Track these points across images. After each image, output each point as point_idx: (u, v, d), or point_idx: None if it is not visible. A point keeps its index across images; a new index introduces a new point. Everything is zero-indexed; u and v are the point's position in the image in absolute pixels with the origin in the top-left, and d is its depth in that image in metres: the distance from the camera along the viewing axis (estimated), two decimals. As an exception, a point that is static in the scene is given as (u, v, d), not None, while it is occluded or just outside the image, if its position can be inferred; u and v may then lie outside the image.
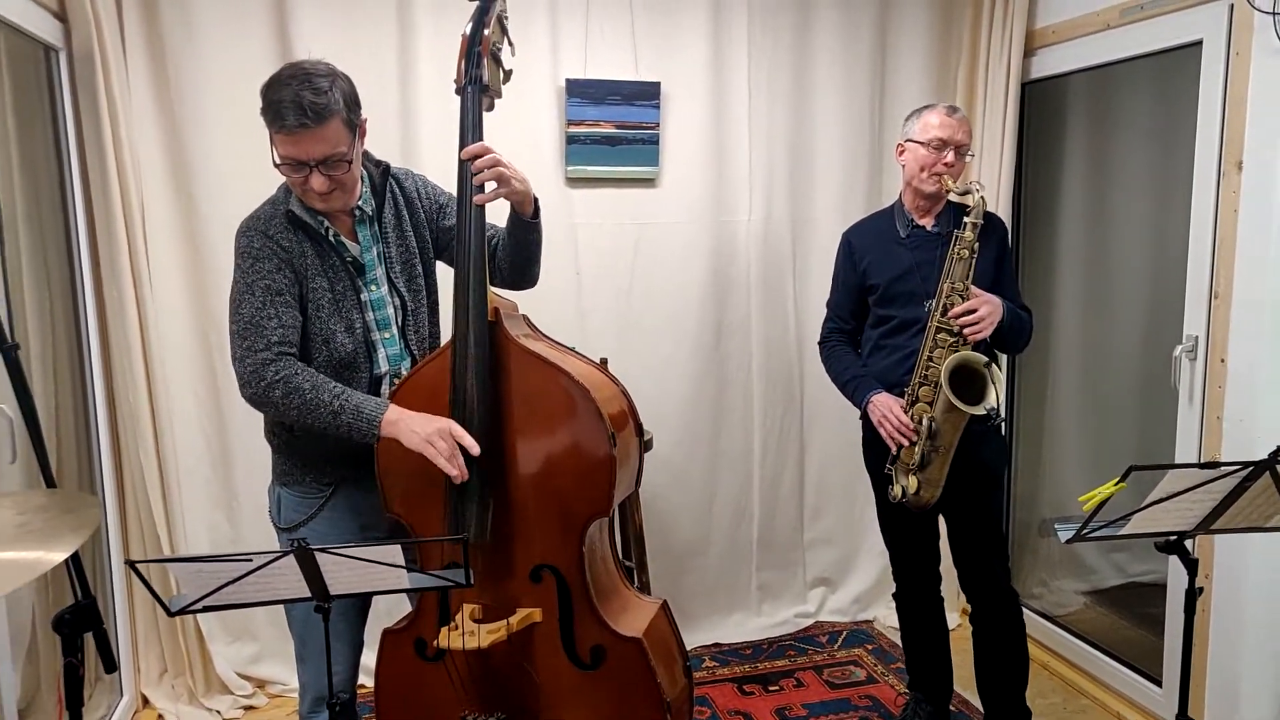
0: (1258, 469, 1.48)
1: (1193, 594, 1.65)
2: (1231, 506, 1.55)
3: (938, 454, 2.14)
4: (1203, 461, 2.26)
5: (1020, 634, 2.32)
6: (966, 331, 2.09)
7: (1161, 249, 2.80)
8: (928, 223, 2.28)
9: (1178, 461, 2.51)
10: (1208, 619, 2.41)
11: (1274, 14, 2.17)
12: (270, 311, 1.71)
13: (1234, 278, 2.33)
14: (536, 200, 1.85)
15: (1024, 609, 2.38)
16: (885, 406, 2.20)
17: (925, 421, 2.13)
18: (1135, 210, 2.95)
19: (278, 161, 1.67)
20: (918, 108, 2.33)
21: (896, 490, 2.22)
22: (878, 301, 2.30)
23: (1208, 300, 2.41)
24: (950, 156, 2.20)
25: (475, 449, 1.65)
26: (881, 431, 2.21)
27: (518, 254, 1.90)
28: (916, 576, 2.42)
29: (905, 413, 2.18)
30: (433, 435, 1.64)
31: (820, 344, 2.48)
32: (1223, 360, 2.37)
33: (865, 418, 2.30)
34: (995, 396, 2.05)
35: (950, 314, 2.10)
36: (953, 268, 2.12)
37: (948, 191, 2.17)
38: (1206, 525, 1.59)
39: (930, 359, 2.14)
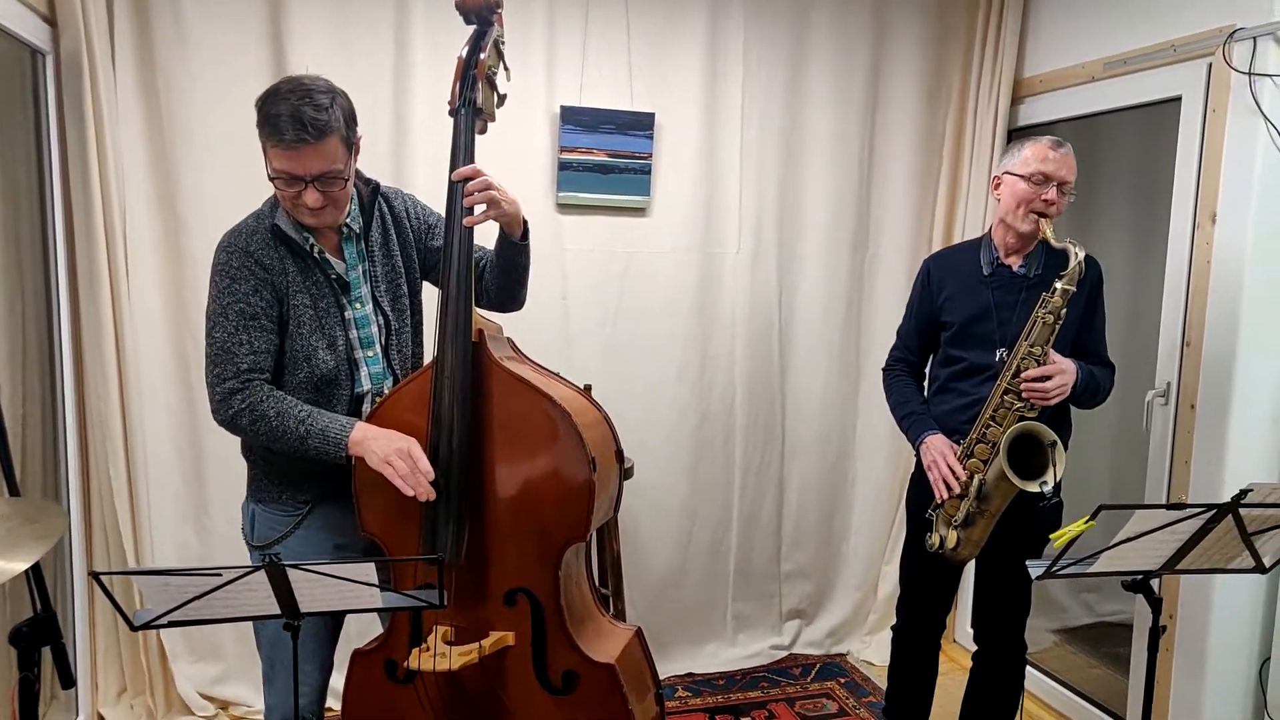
0: (1220, 512, 1.51)
1: (1156, 632, 1.67)
2: (1196, 548, 1.58)
3: (983, 516, 2.06)
4: (1170, 503, 2.29)
5: (1019, 683, 2.30)
6: (1030, 399, 2.00)
7: (1137, 297, 2.86)
8: (1014, 262, 2.15)
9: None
10: (1171, 658, 2.44)
11: (1249, 74, 2.25)
12: (242, 337, 1.70)
13: (1205, 327, 2.38)
14: (526, 223, 1.86)
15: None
16: (939, 451, 2.12)
17: (976, 481, 2.05)
18: (1113, 258, 3.01)
19: (271, 175, 1.67)
20: (1019, 139, 2.18)
21: (934, 539, 2.15)
22: (950, 340, 2.20)
23: (1180, 348, 2.46)
24: (1051, 193, 2.04)
25: (430, 473, 1.65)
26: (930, 475, 2.13)
27: (506, 276, 1.91)
28: (924, 619, 2.37)
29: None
30: (391, 455, 1.64)
31: (884, 371, 2.40)
32: (1192, 406, 2.41)
33: (918, 455, 2.22)
34: (1054, 476, 1.94)
35: (1021, 377, 2.00)
36: (1033, 329, 2.00)
37: (1044, 236, 2.03)
38: (1171, 565, 1.61)
39: (993, 418, 2.05)
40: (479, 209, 1.74)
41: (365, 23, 2.68)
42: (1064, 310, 1.99)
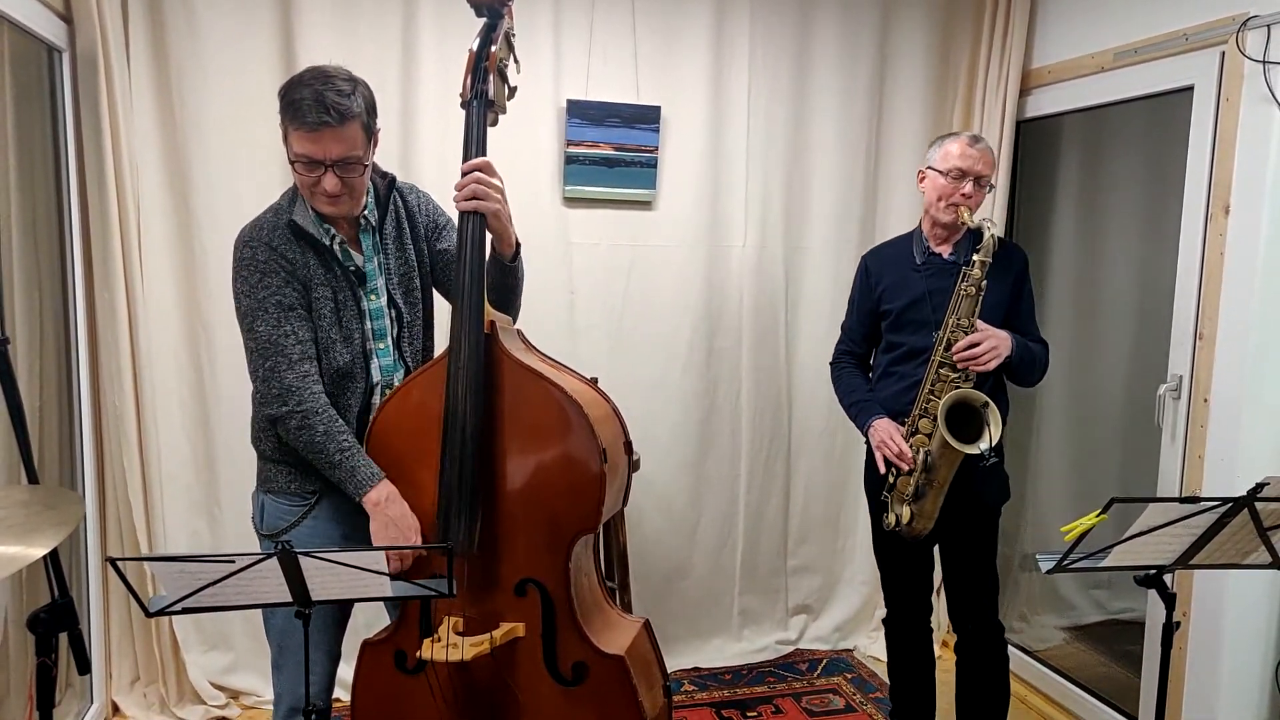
0: (1236, 505, 1.50)
1: (1170, 628, 1.66)
2: (1210, 542, 1.56)
3: (932, 487, 2.15)
4: (1183, 496, 2.28)
5: (1003, 666, 2.33)
6: (965, 365, 2.09)
7: (1149, 289, 2.84)
8: (945, 250, 2.27)
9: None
10: (1184, 655, 2.42)
11: (1264, 62, 2.23)
12: (287, 329, 1.72)
13: (1219, 319, 2.37)
14: (519, 245, 1.84)
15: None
16: (885, 432, 2.21)
17: (922, 454, 2.14)
18: (1124, 250, 2.99)
19: (292, 159, 1.68)
20: (941, 135, 2.31)
21: (890, 518, 2.24)
22: (889, 327, 2.31)
23: (1193, 340, 2.44)
24: (969, 187, 2.18)
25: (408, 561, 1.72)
26: (878, 456, 2.22)
27: (495, 293, 1.85)
28: (907, 604, 2.41)
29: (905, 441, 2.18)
30: (396, 537, 1.71)
31: (831, 365, 2.49)
32: (1206, 400, 2.40)
33: (869, 442, 2.30)
34: (991, 437, 2.05)
35: (953, 349, 2.11)
36: (959, 304, 2.12)
37: (963, 223, 2.17)
38: (1185, 560, 1.60)
39: (931, 393, 2.15)
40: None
41: (374, 17, 2.69)
42: (984, 282, 2.09)
